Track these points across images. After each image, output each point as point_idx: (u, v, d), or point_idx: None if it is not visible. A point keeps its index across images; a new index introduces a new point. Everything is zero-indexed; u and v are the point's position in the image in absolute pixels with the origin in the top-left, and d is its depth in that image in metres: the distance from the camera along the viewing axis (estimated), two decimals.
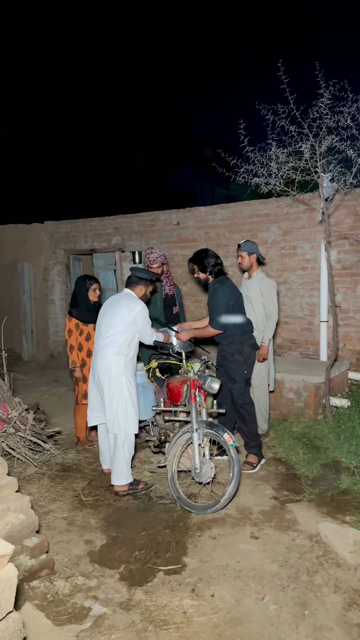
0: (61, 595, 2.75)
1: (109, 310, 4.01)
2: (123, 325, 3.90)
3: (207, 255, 4.39)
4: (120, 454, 3.92)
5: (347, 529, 3.28)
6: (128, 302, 3.97)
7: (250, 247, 4.79)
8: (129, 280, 4.17)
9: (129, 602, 2.73)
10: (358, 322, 6.42)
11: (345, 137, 4.63)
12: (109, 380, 3.88)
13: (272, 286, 4.83)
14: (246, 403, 4.35)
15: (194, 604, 2.70)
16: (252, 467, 4.37)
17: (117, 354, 3.87)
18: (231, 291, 4.31)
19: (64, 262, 9.87)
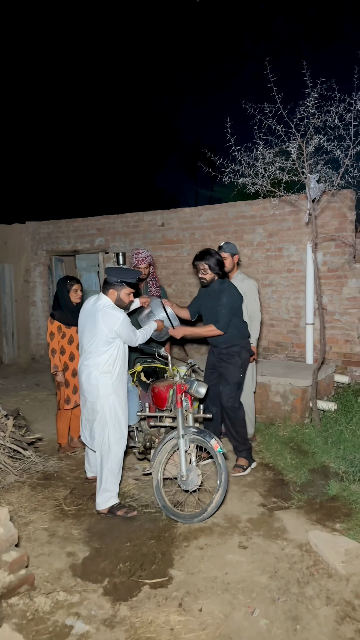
0: (41, 613, 2.61)
1: (88, 323, 3.65)
2: (103, 342, 3.56)
3: (217, 254, 4.27)
4: (102, 475, 3.66)
5: (338, 538, 3.20)
6: (105, 317, 3.54)
7: (232, 248, 4.73)
8: (103, 284, 3.77)
9: (113, 618, 2.60)
10: (344, 325, 6.38)
11: (333, 137, 4.58)
12: (97, 403, 3.60)
13: (253, 286, 4.77)
14: (235, 406, 4.27)
15: (181, 619, 2.58)
16: (242, 470, 4.28)
17: (102, 374, 3.58)
18: (237, 293, 4.26)
19: (46, 264, 9.68)
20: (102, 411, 3.61)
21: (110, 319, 3.53)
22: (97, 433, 3.65)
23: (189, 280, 7.86)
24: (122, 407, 3.69)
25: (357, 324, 6.28)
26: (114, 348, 3.60)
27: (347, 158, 4.60)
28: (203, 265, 4.24)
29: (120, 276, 3.65)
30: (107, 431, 3.62)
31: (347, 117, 4.47)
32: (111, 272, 3.68)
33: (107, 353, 3.58)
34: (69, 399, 4.76)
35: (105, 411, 3.61)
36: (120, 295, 3.67)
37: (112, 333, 3.54)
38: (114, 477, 3.69)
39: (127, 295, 3.70)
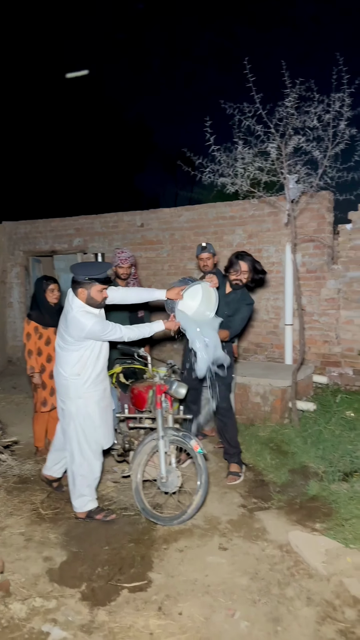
0: (17, 620, 2.54)
1: (62, 320, 3.45)
2: (70, 342, 3.36)
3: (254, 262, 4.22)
4: (72, 479, 3.56)
5: (318, 537, 3.20)
6: (74, 323, 3.28)
7: (213, 248, 4.74)
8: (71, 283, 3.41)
9: (91, 624, 2.54)
10: (322, 326, 6.42)
11: (311, 138, 4.60)
12: (65, 402, 3.48)
13: None
14: (228, 407, 4.29)
15: (161, 623, 2.54)
16: (238, 477, 4.23)
17: (71, 375, 3.41)
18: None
19: (23, 264, 9.54)
20: (68, 413, 3.48)
21: (78, 325, 3.26)
22: (65, 434, 3.56)
23: (169, 280, 7.81)
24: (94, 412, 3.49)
25: (336, 325, 6.33)
26: (84, 349, 3.38)
27: (325, 159, 4.62)
28: (246, 266, 4.11)
29: (88, 273, 3.30)
30: (71, 435, 3.49)
31: (326, 118, 4.49)
32: (77, 269, 3.34)
33: (74, 354, 3.39)
34: (45, 401, 4.67)
35: (71, 413, 3.46)
36: (91, 294, 3.32)
37: (82, 335, 3.31)
38: (86, 480, 3.56)
39: (99, 292, 3.34)
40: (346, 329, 6.27)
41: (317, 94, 4.47)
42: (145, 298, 3.81)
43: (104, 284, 3.36)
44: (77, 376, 3.42)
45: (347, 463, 4.22)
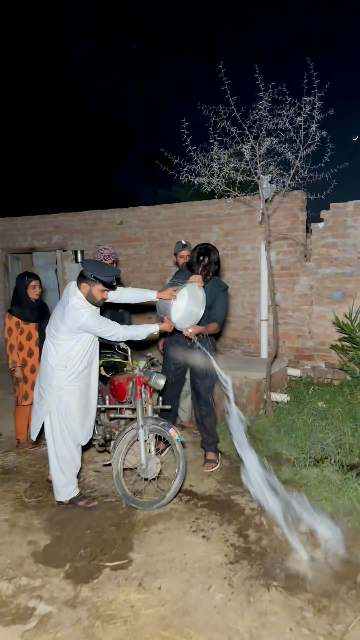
0: (4, 597, 2.67)
1: (58, 309, 3.54)
2: (65, 332, 3.45)
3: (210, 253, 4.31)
4: (56, 469, 3.66)
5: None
6: (71, 312, 3.39)
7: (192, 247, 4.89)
8: (79, 274, 3.57)
9: (75, 599, 2.69)
10: (296, 321, 6.65)
11: (284, 140, 4.79)
12: (46, 391, 3.56)
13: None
14: (212, 401, 4.46)
15: (141, 597, 2.70)
16: (215, 464, 4.42)
17: (57, 365, 3.50)
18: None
19: (2, 261, 9.57)
20: (48, 403, 3.56)
21: (74, 315, 3.38)
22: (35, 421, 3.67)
23: (148, 278, 7.97)
24: (74, 406, 3.59)
25: (309, 320, 6.56)
26: (75, 341, 3.50)
27: (297, 160, 4.82)
28: (207, 260, 4.26)
29: (95, 272, 3.43)
30: (52, 424, 3.59)
31: (297, 120, 4.69)
32: (87, 265, 3.50)
33: (67, 344, 3.48)
34: (27, 395, 4.78)
35: (51, 403, 3.55)
36: (92, 292, 3.46)
37: (75, 327, 3.42)
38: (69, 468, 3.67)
39: (100, 292, 3.49)
40: (319, 324, 6.50)
41: (289, 97, 4.66)
42: (138, 298, 3.94)
43: (107, 287, 3.49)
44: (64, 368, 3.52)
45: (318, 450, 4.43)
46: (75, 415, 3.63)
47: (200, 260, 4.27)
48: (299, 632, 2.42)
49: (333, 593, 2.69)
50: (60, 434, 3.60)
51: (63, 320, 3.45)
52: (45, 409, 3.59)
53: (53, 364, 3.53)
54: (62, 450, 3.63)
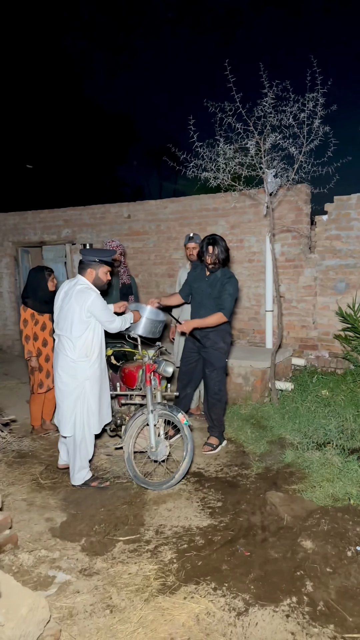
0: (26, 567, 2.88)
1: (64, 307, 3.77)
2: (78, 324, 3.67)
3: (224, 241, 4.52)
4: (77, 456, 3.85)
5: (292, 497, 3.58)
6: (79, 295, 3.66)
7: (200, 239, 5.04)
8: (79, 265, 3.88)
9: (91, 569, 2.89)
10: (300, 312, 6.80)
11: (288, 135, 4.93)
12: (70, 385, 3.73)
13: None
14: (221, 390, 4.60)
15: (153, 567, 2.89)
16: (212, 448, 4.59)
17: (79, 358, 3.71)
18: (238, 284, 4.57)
19: (13, 255, 9.77)
20: (75, 395, 3.75)
21: (83, 296, 3.63)
22: (65, 418, 3.78)
23: (155, 270, 8.14)
24: (95, 392, 3.81)
25: (313, 311, 6.71)
26: (90, 331, 3.71)
27: (301, 155, 4.97)
28: (211, 249, 4.45)
29: (98, 255, 3.79)
30: (81, 414, 3.78)
31: (301, 116, 4.83)
32: (88, 252, 3.81)
33: (82, 337, 3.69)
34: (42, 383, 4.98)
35: (78, 394, 3.75)
36: (99, 274, 3.78)
37: (85, 312, 3.64)
38: (88, 456, 3.92)
39: (105, 274, 3.82)
40: (322, 315, 6.66)
41: (293, 94, 4.80)
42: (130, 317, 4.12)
43: (110, 266, 3.89)
44: (85, 358, 3.73)
45: (321, 435, 4.62)
46: (95, 402, 3.84)
47: (209, 250, 4.45)
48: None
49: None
50: (81, 422, 3.80)
51: (71, 309, 3.67)
52: (73, 401, 3.76)
53: (74, 357, 3.71)
54: (80, 437, 3.83)
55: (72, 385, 3.75)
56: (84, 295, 3.65)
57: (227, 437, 4.87)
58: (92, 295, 3.67)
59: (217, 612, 2.51)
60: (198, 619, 2.47)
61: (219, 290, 4.48)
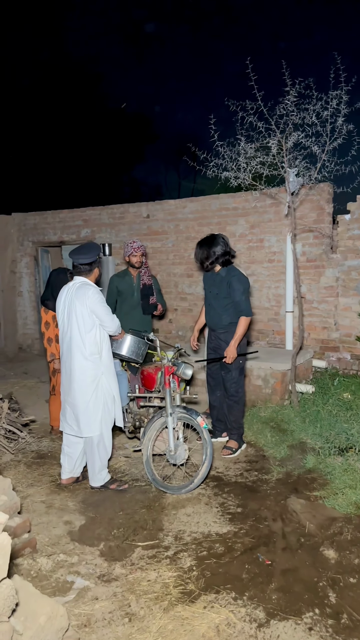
0: (44, 571, 2.86)
1: (66, 307, 3.77)
2: (84, 321, 3.67)
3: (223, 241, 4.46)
4: (96, 457, 3.83)
5: (313, 504, 3.50)
6: (78, 292, 3.70)
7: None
8: (77, 270, 3.83)
9: (110, 575, 2.86)
10: (322, 312, 6.69)
11: (310, 134, 4.84)
12: (87, 386, 3.72)
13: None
14: (238, 392, 4.55)
15: (172, 575, 2.85)
16: (232, 452, 4.54)
17: (91, 356, 3.72)
18: (245, 277, 4.49)
19: (32, 254, 9.82)
20: (92, 394, 3.75)
21: (82, 291, 3.68)
22: (87, 417, 3.75)
23: (174, 270, 8.10)
24: (112, 386, 3.85)
25: (334, 312, 6.60)
26: (97, 327, 3.74)
27: (323, 153, 4.88)
28: (202, 253, 4.47)
29: (98, 250, 3.87)
30: (99, 412, 3.78)
31: (324, 114, 4.73)
32: (87, 253, 3.79)
33: (89, 334, 3.70)
34: None
35: (98, 392, 3.76)
36: (100, 270, 3.92)
37: (85, 307, 3.65)
38: (107, 455, 3.92)
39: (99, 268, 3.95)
40: (344, 316, 6.54)
41: (316, 91, 4.71)
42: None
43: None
44: (98, 355, 3.75)
45: (343, 440, 4.52)
46: (111, 397, 3.85)
47: (196, 253, 4.54)
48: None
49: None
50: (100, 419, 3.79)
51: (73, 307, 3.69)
52: (92, 398, 3.75)
53: (86, 354, 3.71)
54: (98, 436, 3.81)
55: (88, 383, 3.73)
56: (85, 290, 3.69)
57: (246, 440, 4.81)
58: (91, 288, 3.72)
59: (238, 623, 2.46)
60: (218, 629, 2.42)
61: (227, 290, 4.43)
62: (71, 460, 3.99)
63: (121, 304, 5.20)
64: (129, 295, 5.12)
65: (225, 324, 4.51)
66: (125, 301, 5.17)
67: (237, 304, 4.40)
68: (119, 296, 5.19)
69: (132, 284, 5.13)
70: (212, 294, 4.58)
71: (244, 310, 4.39)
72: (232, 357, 4.39)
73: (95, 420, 3.77)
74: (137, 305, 5.10)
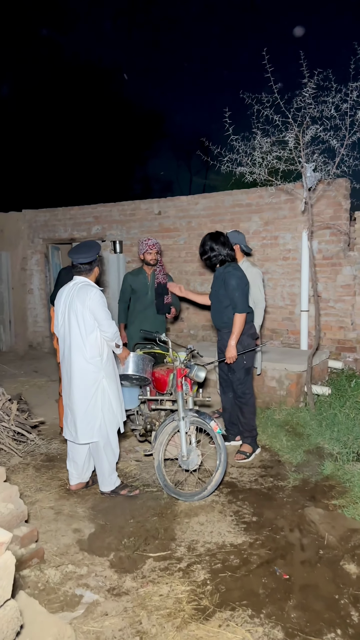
0: (52, 584, 2.75)
1: (66, 307, 3.61)
2: (84, 323, 3.52)
3: (219, 239, 4.35)
4: (104, 461, 3.70)
5: (332, 513, 3.35)
6: (80, 292, 3.55)
7: (235, 237, 4.81)
8: (76, 269, 3.67)
9: (120, 589, 2.74)
10: (338, 312, 6.51)
11: (329, 127, 4.67)
12: (89, 388, 3.58)
13: (257, 275, 4.89)
14: (245, 393, 4.40)
15: (185, 589, 2.72)
16: (246, 457, 4.40)
17: (92, 358, 3.57)
18: (243, 274, 4.33)
19: (43, 252, 9.73)
20: (95, 396, 3.61)
21: (83, 292, 3.53)
22: (85, 423, 3.59)
23: (186, 268, 7.96)
24: (114, 388, 3.69)
25: (351, 311, 6.42)
26: (98, 330, 3.58)
27: (342, 147, 4.70)
28: (202, 249, 4.39)
29: (97, 249, 3.70)
30: (102, 415, 3.63)
31: (343, 107, 4.56)
32: (87, 250, 3.64)
33: (91, 336, 3.55)
34: None
35: (98, 396, 3.61)
36: (99, 269, 3.78)
37: (87, 309, 3.50)
38: (115, 458, 3.80)
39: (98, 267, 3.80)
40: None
41: (335, 83, 4.53)
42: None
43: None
44: (99, 357, 3.60)
45: None
46: (115, 399, 3.70)
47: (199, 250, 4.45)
48: None
49: None
50: (105, 422, 3.65)
51: (72, 307, 3.55)
52: (94, 402, 3.61)
53: (87, 357, 3.56)
54: (105, 439, 3.68)
55: (90, 387, 3.59)
56: (84, 291, 3.55)
57: (260, 444, 4.66)
58: (93, 290, 3.57)
59: None
60: None
61: (224, 288, 4.28)
62: (77, 466, 3.86)
63: (135, 303, 5.07)
64: (143, 294, 4.99)
65: (226, 324, 4.36)
66: (138, 300, 5.04)
67: (231, 300, 4.26)
68: (132, 294, 5.07)
69: (147, 282, 5.00)
70: (214, 292, 4.46)
71: (237, 307, 4.22)
72: (231, 356, 4.24)
73: (94, 426, 3.61)
74: (150, 304, 4.98)
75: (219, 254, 4.32)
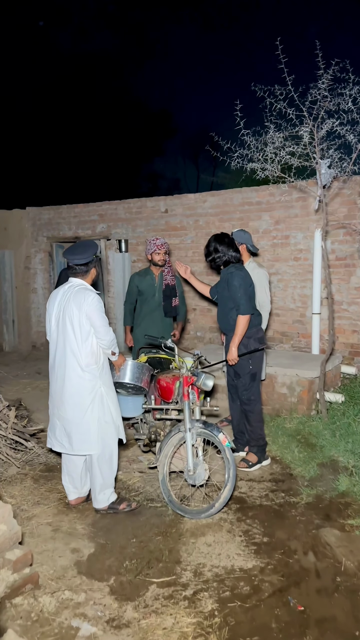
0: (46, 614, 2.52)
1: (60, 311, 3.36)
2: (80, 329, 3.29)
3: (223, 240, 4.17)
4: (97, 475, 3.46)
5: (350, 535, 3.12)
6: (76, 296, 3.31)
7: (240, 236, 4.60)
8: (72, 271, 3.45)
9: (121, 620, 2.52)
10: (351, 315, 6.26)
11: (345, 121, 4.42)
12: (84, 399, 3.34)
13: (263, 276, 4.67)
14: (251, 400, 4.18)
15: (191, 621, 2.50)
16: (248, 466, 4.18)
17: (87, 367, 3.34)
18: (246, 274, 4.12)
19: (47, 250, 9.53)
20: (91, 406, 3.37)
21: (80, 296, 3.30)
22: (81, 433, 3.37)
23: (193, 267, 7.70)
24: (112, 397, 3.49)
25: None
26: (93, 336, 3.35)
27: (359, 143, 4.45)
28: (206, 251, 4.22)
29: (94, 249, 3.46)
30: (99, 426, 3.40)
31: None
32: (83, 250, 3.40)
33: (86, 343, 3.32)
34: None
35: (95, 405, 3.38)
36: (96, 270, 3.56)
37: (84, 314, 3.27)
38: (112, 473, 3.56)
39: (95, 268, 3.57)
40: None
41: (352, 74, 4.28)
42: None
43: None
44: (95, 365, 3.37)
45: None
46: (114, 407, 3.49)
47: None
48: None
49: None
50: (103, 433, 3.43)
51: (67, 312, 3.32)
52: (92, 411, 3.39)
53: (83, 364, 3.34)
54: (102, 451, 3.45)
55: (86, 396, 3.36)
56: (81, 295, 3.31)
57: (271, 455, 4.43)
58: (91, 295, 3.33)
59: None
60: None
61: (228, 290, 4.08)
62: (73, 480, 3.62)
63: (141, 305, 4.86)
64: (150, 295, 4.78)
65: (231, 328, 4.14)
66: (145, 302, 4.83)
67: (234, 301, 4.04)
68: (139, 296, 4.86)
69: (154, 284, 4.79)
70: (219, 295, 4.26)
71: (240, 307, 4.00)
72: (233, 358, 4.03)
73: (91, 436, 3.38)
74: (158, 306, 4.76)
75: (223, 255, 4.12)
